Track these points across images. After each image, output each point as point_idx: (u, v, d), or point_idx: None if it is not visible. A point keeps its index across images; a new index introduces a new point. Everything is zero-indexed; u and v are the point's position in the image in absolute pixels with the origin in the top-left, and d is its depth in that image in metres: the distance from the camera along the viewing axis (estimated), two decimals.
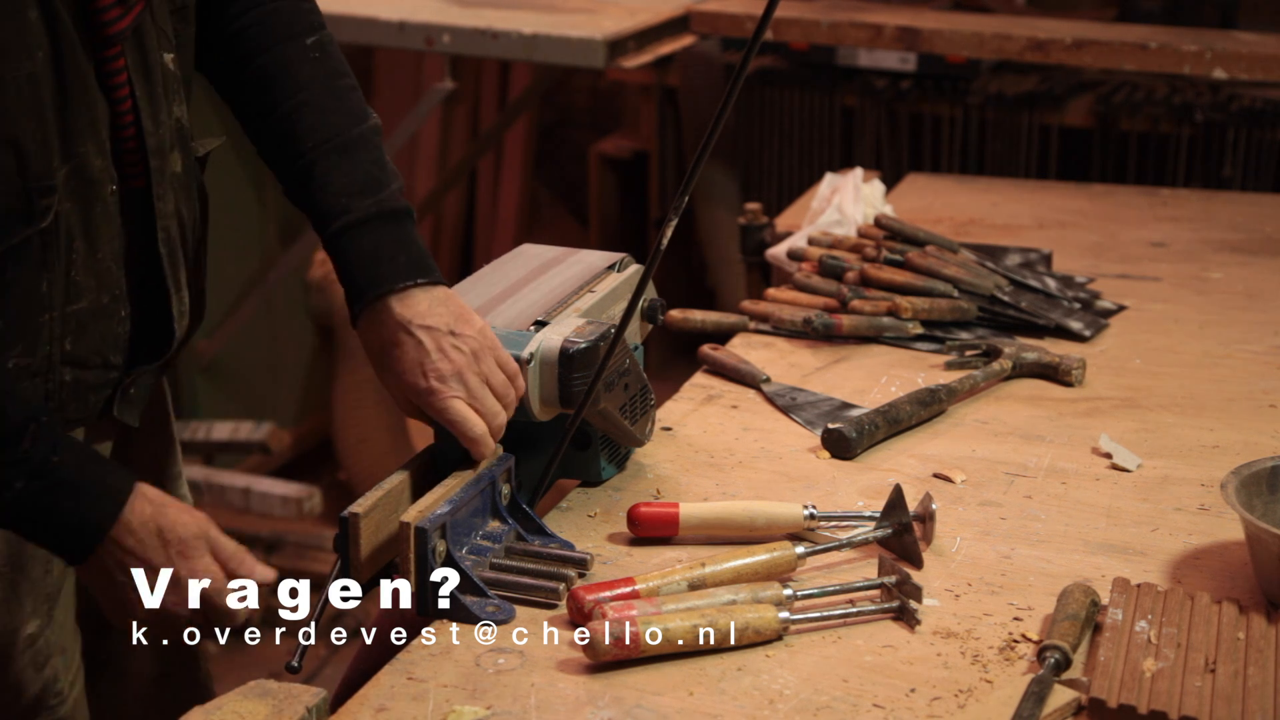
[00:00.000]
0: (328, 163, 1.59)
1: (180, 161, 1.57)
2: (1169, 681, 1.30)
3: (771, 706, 1.31)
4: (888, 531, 1.56)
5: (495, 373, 1.56)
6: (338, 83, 1.64)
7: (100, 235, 1.47)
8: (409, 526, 1.43)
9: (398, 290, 1.55)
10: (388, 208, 1.58)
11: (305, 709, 1.28)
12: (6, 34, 1.34)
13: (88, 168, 1.44)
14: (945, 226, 2.69)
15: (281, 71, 1.62)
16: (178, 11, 1.56)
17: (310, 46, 1.64)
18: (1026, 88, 3.79)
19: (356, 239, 1.57)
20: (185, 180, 1.59)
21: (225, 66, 1.65)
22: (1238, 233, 2.73)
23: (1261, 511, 1.52)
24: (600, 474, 1.72)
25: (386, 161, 1.62)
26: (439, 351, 1.53)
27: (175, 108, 1.55)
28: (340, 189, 1.58)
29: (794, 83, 3.97)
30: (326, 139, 1.60)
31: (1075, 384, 2.02)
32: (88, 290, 1.47)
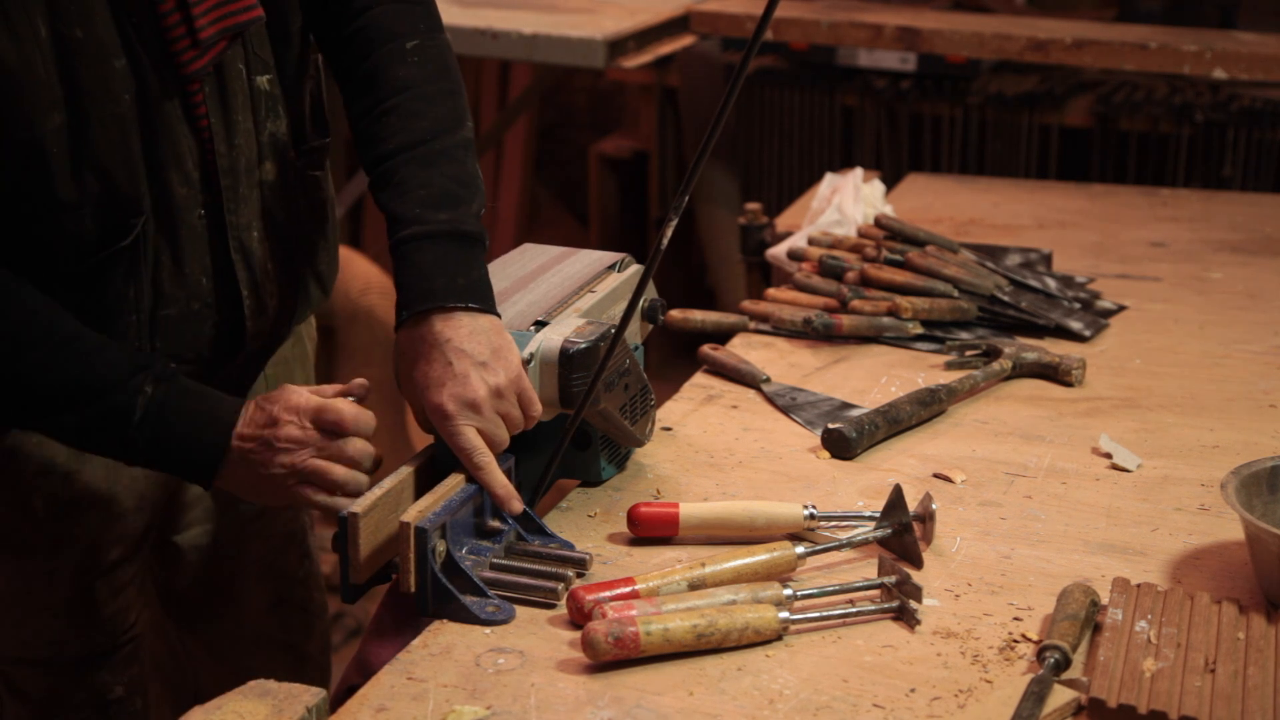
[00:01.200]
0: (408, 171, 1.63)
1: (274, 170, 1.68)
2: (1169, 681, 1.30)
3: (771, 706, 1.31)
4: (888, 531, 1.56)
5: (514, 410, 1.57)
6: (431, 89, 1.68)
7: (186, 253, 1.61)
8: (409, 526, 1.43)
9: (445, 309, 1.56)
10: (460, 229, 1.61)
11: (305, 709, 1.28)
12: (93, 81, 1.48)
13: (172, 195, 1.58)
14: (945, 226, 2.69)
15: (379, 75, 1.68)
16: (279, 38, 1.66)
17: (410, 50, 1.69)
18: (1026, 88, 3.79)
19: (421, 251, 1.59)
20: (280, 185, 1.70)
21: (343, 68, 1.73)
22: (1238, 233, 2.73)
23: (1261, 511, 1.52)
24: (600, 474, 1.72)
25: (471, 178, 1.65)
26: (464, 378, 1.53)
27: (270, 124, 1.67)
28: (417, 200, 1.61)
29: (794, 83, 3.97)
30: (410, 145, 1.64)
31: (1075, 384, 2.02)
32: (175, 299, 1.62)
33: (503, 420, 1.56)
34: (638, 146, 4.61)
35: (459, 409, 1.53)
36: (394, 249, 1.61)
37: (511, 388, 1.55)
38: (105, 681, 1.78)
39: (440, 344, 1.54)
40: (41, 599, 1.72)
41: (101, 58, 1.49)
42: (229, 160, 1.63)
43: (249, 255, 1.67)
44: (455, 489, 1.50)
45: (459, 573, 1.46)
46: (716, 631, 1.37)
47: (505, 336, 1.58)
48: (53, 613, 1.72)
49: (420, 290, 1.57)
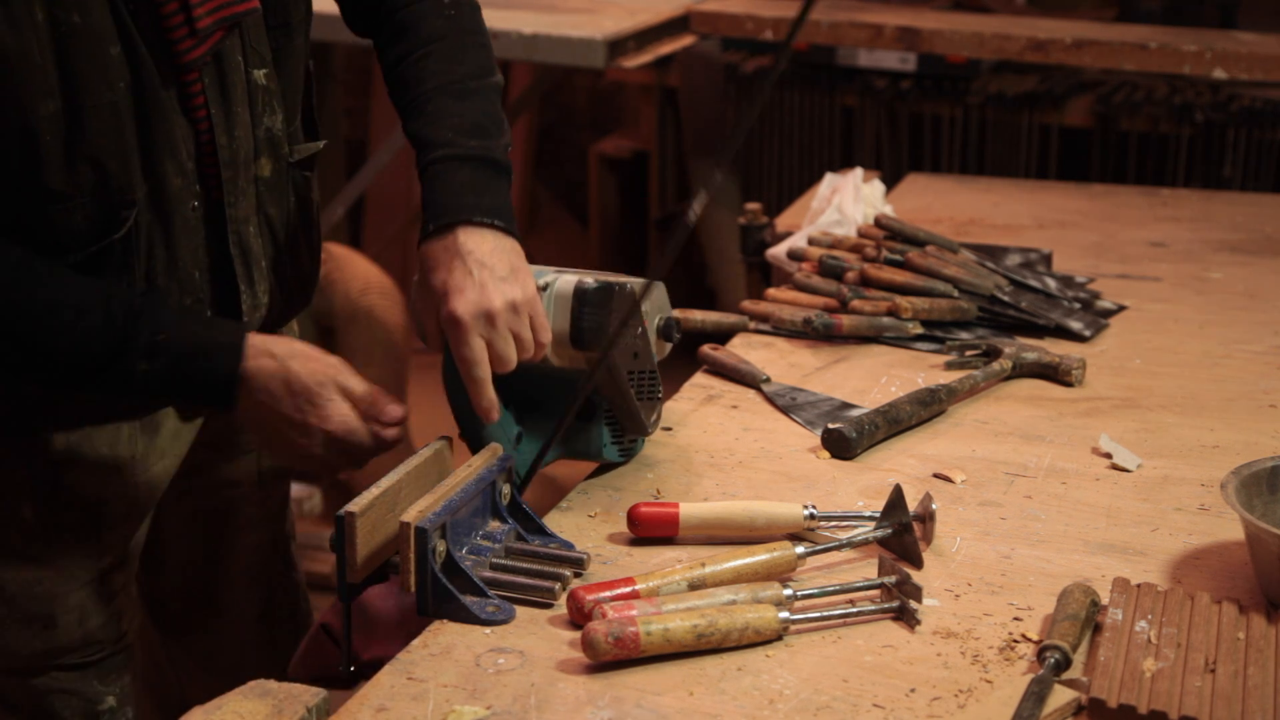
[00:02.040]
0: (442, 102, 1.68)
1: (270, 167, 1.69)
2: (1169, 681, 1.30)
3: (771, 706, 1.31)
4: (888, 531, 1.56)
5: (526, 328, 1.59)
6: (466, 39, 1.74)
7: (180, 246, 1.61)
8: (409, 526, 1.43)
9: (471, 223, 1.59)
10: (491, 156, 1.66)
11: (305, 709, 1.28)
12: (89, 68, 1.48)
13: (166, 186, 1.58)
14: (945, 226, 2.69)
15: (416, 25, 1.73)
16: (279, 28, 1.67)
17: (447, 5, 1.75)
18: (1026, 88, 3.79)
19: (452, 171, 1.63)
20: (275, 183, 1.70)
21: (375, 19, 1.77)
22: (1238, 233, 2.73)
23: (1261, 511, 1.52)
24: (602, 449, 1.72)
25: (501, 118, 1.70)
26: (482, 287, 1.56)
27: (266, 119, 1.67)
28: (450, 126, 1.66)
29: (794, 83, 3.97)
30: (446, 84, 1.69)
31: (1075, 384, 2.02)
32: (170, 293, 1.61)
33: (513, 339, 1.57)
34: (638, 146, 4.61)
35: (473, 318, 1.55)
36: (424, 170, 1.65)
37: (526, 306, 1.58)
38: (96, 691, 1.76)
39: (463, 254, 1.57)
40: (30, 608, 1.70)
41: (97, 45, 1.48)
42: (229, 152, 1.62)
43: (246, 251, 1.67)
44: (455, 489, 1.50)
45: (459, 573, 1.46)
46: (716, 631, 1.37)
47: (524, 260, 1.61)
48: (42, 622, 1.70)
49: (448, 205, 1.60)
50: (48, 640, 1.71)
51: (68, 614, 1.71)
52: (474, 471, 1.53)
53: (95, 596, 1.73)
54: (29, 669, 1.73)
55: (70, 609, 1.71)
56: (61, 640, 1.72)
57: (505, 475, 1.57)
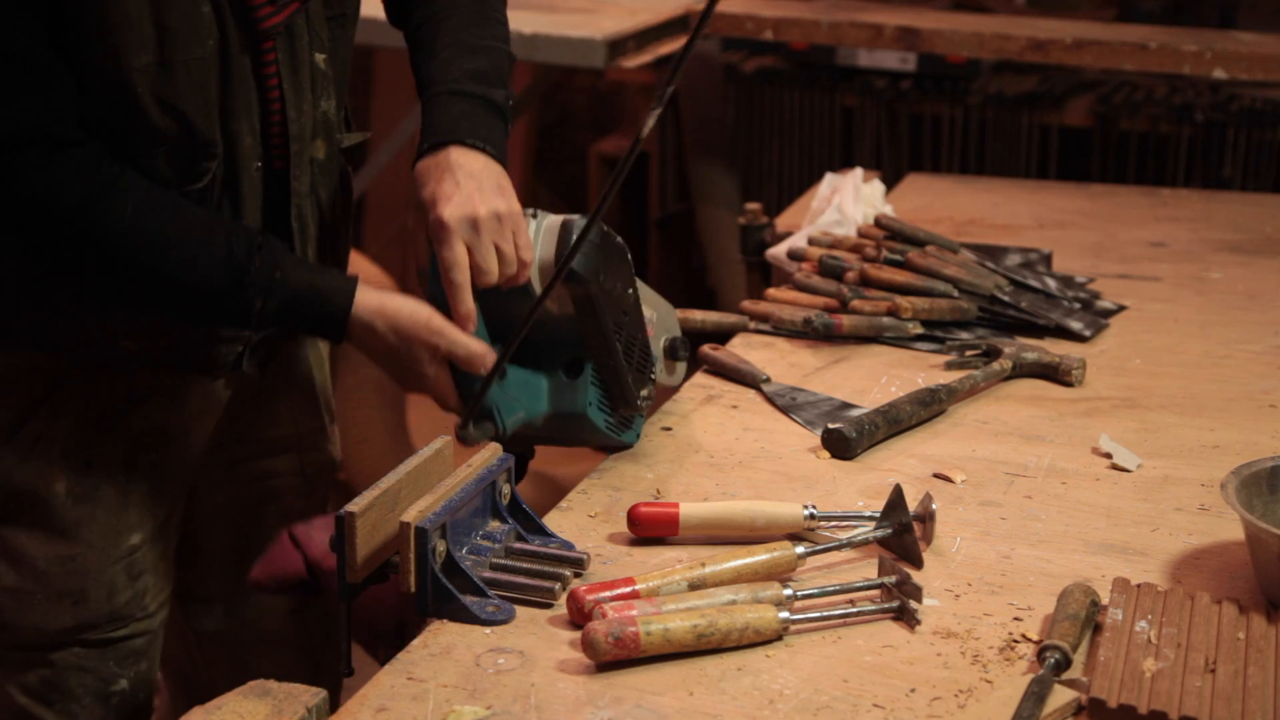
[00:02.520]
0: (455, 52, 1.77)
1: (324, 149, 1.76)
2: (1169, 681, 1.30)
3: (771, 706, 1.31)
4: (888, 531, 1.56)
5: (508, 242, 1.65)
6: (487, 11, 1.83)
7: (245, 204, 1.68)
8: (409, 526, 1.43)
9: (464, 144, 1.69)
10: (493, 100, 1.75)
11: (305, 709, 1.28)
12: (184, 24, 1.55)
13: (240, 144, 1.65)
14: (945, 226, 2.69)
15: None
16: (335, 18, 1.74)
17: None
18: (1026, 88, 3.79)
19: (454, 102, 1.73)
20: (327, 166, 1.77)
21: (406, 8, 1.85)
22: (1238, 233, 2.73)
23: (1261, 511, 1.52)
24: (585, 406, 1.71)
25: (506, 76, 1.79)
26: (468, 197, 1.64)
27: (323, 102, 1.74)
28: (458, 70, 1.75)
29: (794, 83, 3.97)
30: (459, 40, 1.78)
31: (1075, 384, 2.02)
32: None
33: (496, 252, 1.63)
34: None
35: (458, 222, 1.63)
36: (427, 101, 1.74)
37: (509, 221, 1.65)
38: (111, 672, 1.78)
39: (453, 168, 1.66)
40: (62, 584, 1.73)
41: (191, 2, 1.55)
42: (298, 126, 1.70)
43: (304, 224, 1.73)
44: (455, 489, 1.50)
45: (459, 573, 1.46)
46: (716, 631, 1.37)
47: (510, 186, 1.68)
48: (73, 598, 1.73)
49: (445, 127, 1.70)
50: (76, 615, 1.74)
51: (98, 589, 1.74)
52: (474, 471, 1.53)
53: (124, 572, 1.76)
54: (52, 644, 1.75)
55: (101, 584, 1.74)
56: (89, 615, 1.75)
57: (505, 475, 1.57)
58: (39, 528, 1.72)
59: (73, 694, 1.77)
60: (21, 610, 1.74)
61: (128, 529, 1.76)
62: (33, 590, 1.73)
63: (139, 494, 1.77)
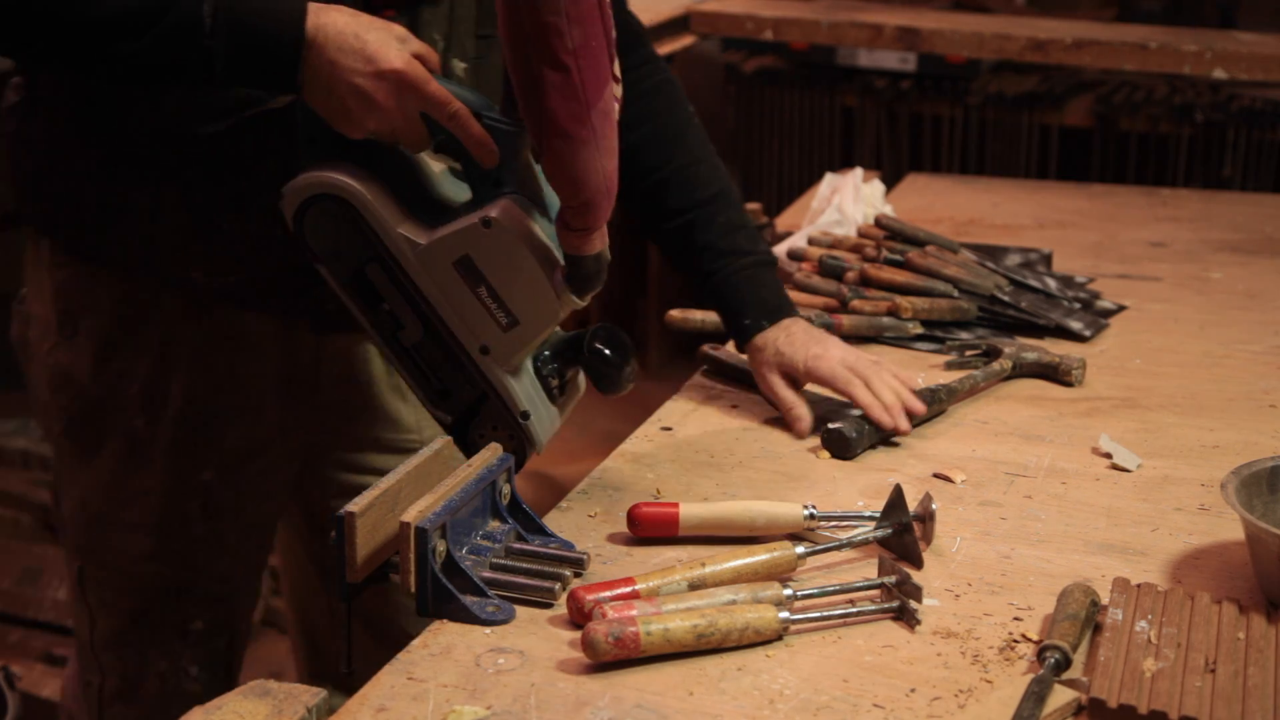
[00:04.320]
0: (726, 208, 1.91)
1: None
2: (1169, 681, 1.30)
3: (771, 706, 1.31)
4: (888, 531, 1.56)
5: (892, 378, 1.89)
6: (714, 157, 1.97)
7: None
8: (409, 526, 1.43)
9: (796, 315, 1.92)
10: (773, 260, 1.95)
11: (305, 709, 1.28)
12: None
13: None
14: (945, 226, 2.69)
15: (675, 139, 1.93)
16: (484, 37, 1.70)
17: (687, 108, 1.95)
18: (1026, 88, 3.79)
19: (766, 273, 1.92)
20: None
21: None
22: (1238, 233, 2.73)
23: (1261, 511, 1.52)
24: None
25: None
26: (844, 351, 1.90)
27: None
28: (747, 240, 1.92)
29: (794, 83, 3.98)
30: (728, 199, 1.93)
31: (1075, 384, 2.02)
32: None
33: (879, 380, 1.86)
34: None
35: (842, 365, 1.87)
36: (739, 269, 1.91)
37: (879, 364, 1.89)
38: (187, 612, 1.83)
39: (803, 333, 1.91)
40: (133, 514, 1.78)
41: None
42: None
43: None
44: (455, 489, 1.50)
45: (459, 573, 1.46)
46: (716, 631, 1.37)
47: None
48: (145, 530, 1.78)
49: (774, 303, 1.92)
50: (149, 546, 1.79)
51: (171, 522, 1.78)
52: (474, 471, 1.53)
53: (200, 510, 1.79)
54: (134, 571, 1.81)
55: (173, 518, 1.78)
56: (161, 547, 1.79)
57: (505, 475, 1.57)
58: (119, 458, 1.76)
59: (153, 622, 1.83)
60: (105, 535, 1.80)
61: (199, 465, 1.78)
62: (115, 518, 1.78)
63: (211, 431, 1.78)
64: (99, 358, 1.75)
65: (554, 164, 1.48)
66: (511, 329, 1.56)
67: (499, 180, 1.54)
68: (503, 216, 1.52)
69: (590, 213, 1.50)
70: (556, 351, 1.63)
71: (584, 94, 1.45)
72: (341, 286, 1.60)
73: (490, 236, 1.53)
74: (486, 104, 1.53)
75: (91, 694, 1.89)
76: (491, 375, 1.58)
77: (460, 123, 1.51)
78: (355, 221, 1.55)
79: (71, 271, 1.75)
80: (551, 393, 1.63)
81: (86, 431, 1.78)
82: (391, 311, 1.59)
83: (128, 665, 1.86)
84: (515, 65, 1.46)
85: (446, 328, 1.57)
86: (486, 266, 1.54)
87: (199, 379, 1.75)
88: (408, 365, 1.62)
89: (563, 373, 1.64)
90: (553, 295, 1.54)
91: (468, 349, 1.57)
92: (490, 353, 1.57)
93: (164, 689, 1.86)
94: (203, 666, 1.87)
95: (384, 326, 1.60)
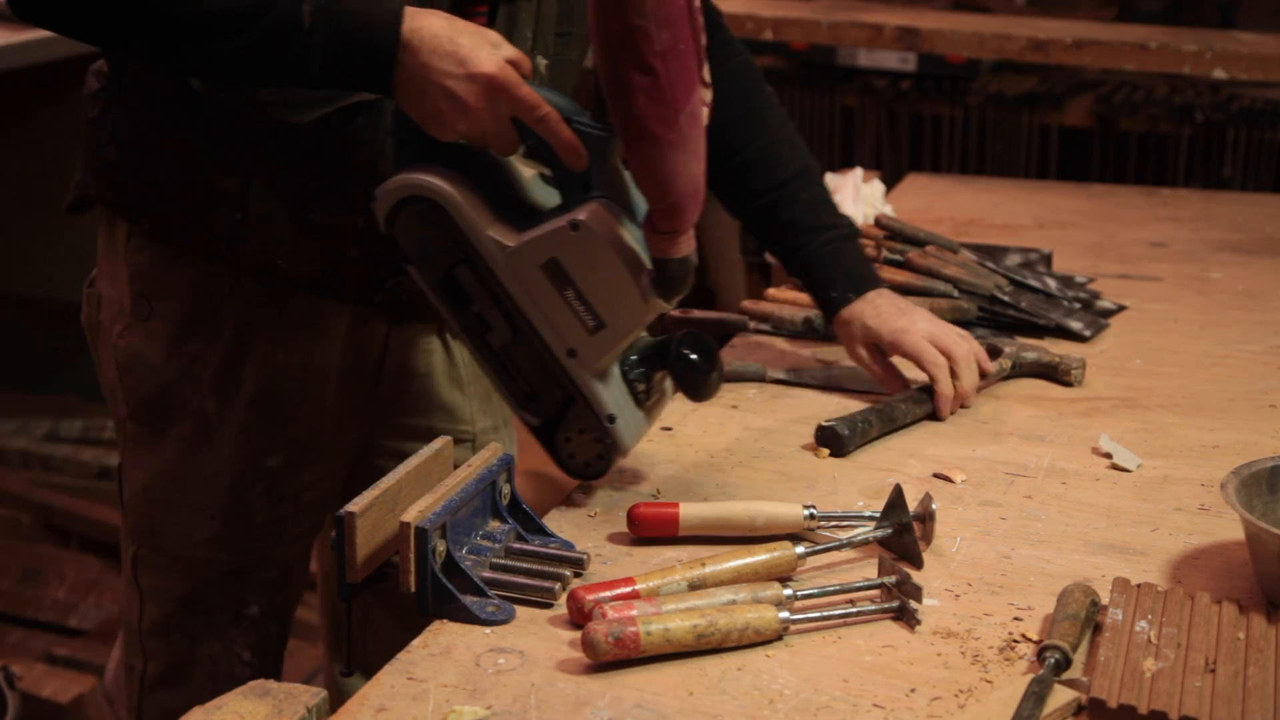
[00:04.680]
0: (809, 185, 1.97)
1: None
2: (1169, 681, 1.30)
3: (771, 706, 1.31)
4: (888, 531, 1.56)
5: None
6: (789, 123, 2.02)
7: None
8: (409, 526, 1.43)
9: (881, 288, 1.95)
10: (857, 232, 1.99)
11: (305, 709, 1.28)
12: None
13: None
14: (945, 226, 2.69)
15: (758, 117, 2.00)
16: (564, 35, 1.73)
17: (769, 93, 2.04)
18: (1026, 88, 3.79)
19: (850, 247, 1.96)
20: None
21: None
22: (1238, 233, 2.73)
23: (1261, 511, 1.52)
24: None
25: None
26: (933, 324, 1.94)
27: None
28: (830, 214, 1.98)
29: (794, 83, 3.97)
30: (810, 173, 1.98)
31: (1075, 384, 2.02)
32: None
33: None
34: None
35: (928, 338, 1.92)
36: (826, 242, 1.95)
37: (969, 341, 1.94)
38: (243, 597, 1.82)
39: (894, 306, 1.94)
40: (197, 497, 1.77)
41: None
42: None
43: None
44: (455, 489, 1.50)
45: (459, 573, 1.46)
46: (716, 631, 1.37)
47: None
48: (210, 512, 1.77)
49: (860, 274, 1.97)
50: (213, 529, 1.78)
51: (236, 507, 1.77)
52: (474, 471, 1.53)
53: (264, 495, 1.78)
54: (194, 555, 1.80)
55: (239, 503, 1.77)
56: (226, 532, 1.78)
57: (505, 475, 1.57)
58: (187, 441, 1.76)
59: (208, 607, 1.82)
60: (168, 517, 1.79)
61: (266, 450, 1.77)
62: (179, 500, 1.78)
63: (280, 417, 1.77)
64: (174, 340, 1.74)
65: (641, 167, 1.48)
66: (598, 332, 1.56)
67: (587, 184, 1.54)
68: (591, 220, 1.52)
69: (677, 216, 1.51)
70: (643, 357, 1.64)
71: (671, 97, 1.45)
72: (431, 288, 1.60)
73: (578, 240, 1.53)
74: (575, 108, 1.53)
75: (134, 678, 1.88)
76: (579, 379, 1.58)
77: (549, 126, 1.51)
78: (445, 224, 1.56)
79: (150, 255, 1.73)
80: (638, 397, 1.63)
81: (155, 413, 1.77)
82: (480, 314, 1.59)
83: (176, 650, 1.85)
84: (604, 68, 1.46)
85: (534, 330, 1.58)
86: (574, 270, 1.55)
87: (272, 365, 1.74)
88: (495, 367, 1.62)
89: (649, 377, 1.64)
90: (639, 299, 1.55)
91: (555, 352, 1.58)
92: (577, 356, 1.57)
93: (215, 672, 1.85)
94: (255, 652, 1.87)
95: (472, 328, 1.60)
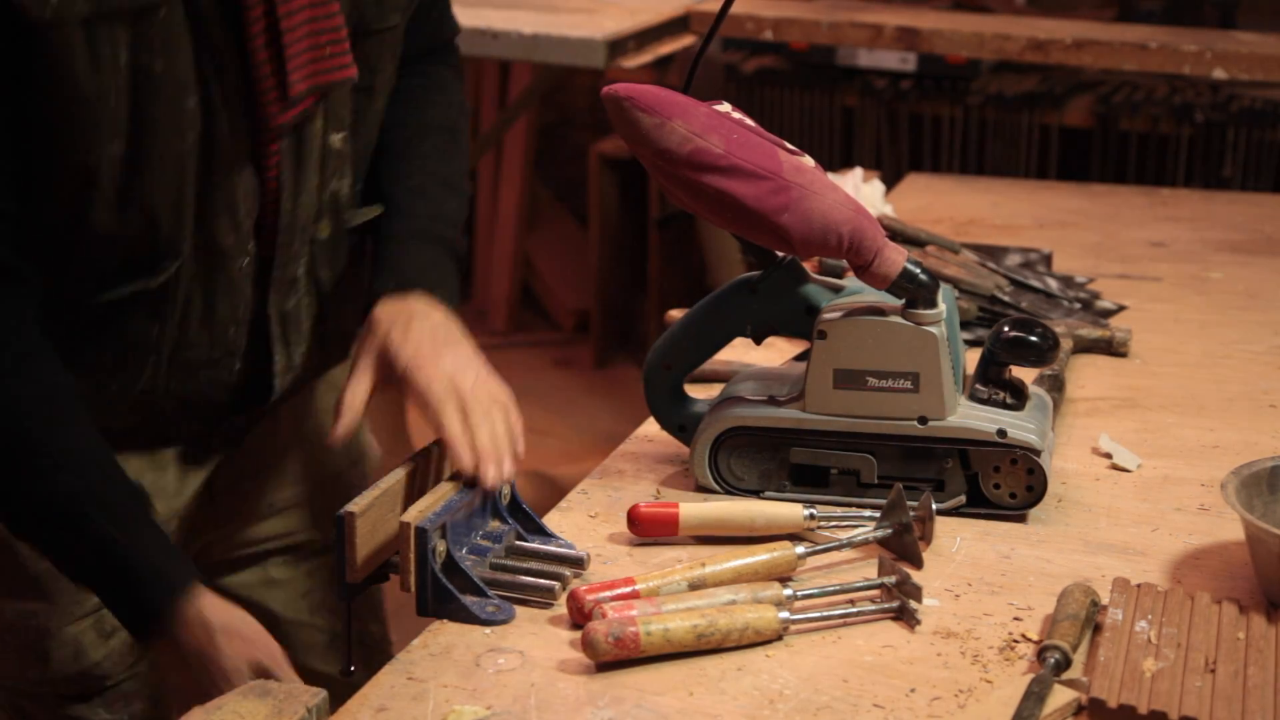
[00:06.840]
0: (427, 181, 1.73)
1: (329, 229, 1.66)
2: (1169, 681, 1.30)
3: (771, 706, 1.31)
4: (888, 531, 1.56)
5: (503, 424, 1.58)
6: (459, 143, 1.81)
7: (220, 301, 1.58)
8: (409, 526, 1.43)
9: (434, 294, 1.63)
10: (458, 250, 1.72)
11: (305, 709, 1.28)
12: (162, 115, 1.44)
13: (217, 242, 1.54)
14: (945, 226, 2.69)
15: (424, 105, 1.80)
16: (363, 90, 1.63)
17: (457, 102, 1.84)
18: (1026, 88, 3.79)
19: (424, 248, 1.68)
20: (331, 245, 1.68)
21: None
22: (1238, 233, 2.73)
23: (1261, 511, 1.52)
24: None
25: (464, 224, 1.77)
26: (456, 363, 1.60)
27: (334, 182, 1.64)
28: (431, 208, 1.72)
29: (794, 83, 3.97)
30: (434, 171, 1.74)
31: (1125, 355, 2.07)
32: (200, 344, 1.60)
33: None
34: None
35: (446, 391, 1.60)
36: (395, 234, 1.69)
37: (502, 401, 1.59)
38: (102, 717, 1.74)
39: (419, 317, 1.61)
40: (25, 639, 1.69)
41: (176, 95, 1.44)
42: (290, 218, 1.59)
43: (286, 315, 1.66)
44: (456, 489, 1.50)
45: (459, 573, 1.46)
46: (716, 631, 1.37)
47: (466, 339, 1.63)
48: (35, 654, 1.69)
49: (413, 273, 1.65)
50: (42, 671, 1.70)
51: (61, 649, 1.69)
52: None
53: (92, 632, 1.70)
54: (33, 694, 1.72)
55: (64, 644, 1.69)
56: (56, 672, 1.70)
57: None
58: (4, 582, 1.68)
59: None
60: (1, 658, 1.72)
61: None
62: (6, 641, 1.70)
63: None
64: None
65: (797, 233, 1.53)
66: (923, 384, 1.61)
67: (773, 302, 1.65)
68: None
69: (859, 243, 1.54)
70: (978, 373, 1.66)
71: (762, 171, 1.52)
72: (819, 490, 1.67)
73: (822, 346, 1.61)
74: None
75: None
76: (946, 431, 1.61)
77: None
78: (757, 440, 1.67)
79: None
80: (1007, 405, 1.65)
81: None
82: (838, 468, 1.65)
83: None
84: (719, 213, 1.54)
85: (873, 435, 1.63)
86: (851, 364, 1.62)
87: None
88: None
89: (1001, 384, 1.66)
90: (912, 328, 1.59)
91: (907, 432, 1.62)
92: (927, 422, 1.62)
93: None
94: None
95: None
